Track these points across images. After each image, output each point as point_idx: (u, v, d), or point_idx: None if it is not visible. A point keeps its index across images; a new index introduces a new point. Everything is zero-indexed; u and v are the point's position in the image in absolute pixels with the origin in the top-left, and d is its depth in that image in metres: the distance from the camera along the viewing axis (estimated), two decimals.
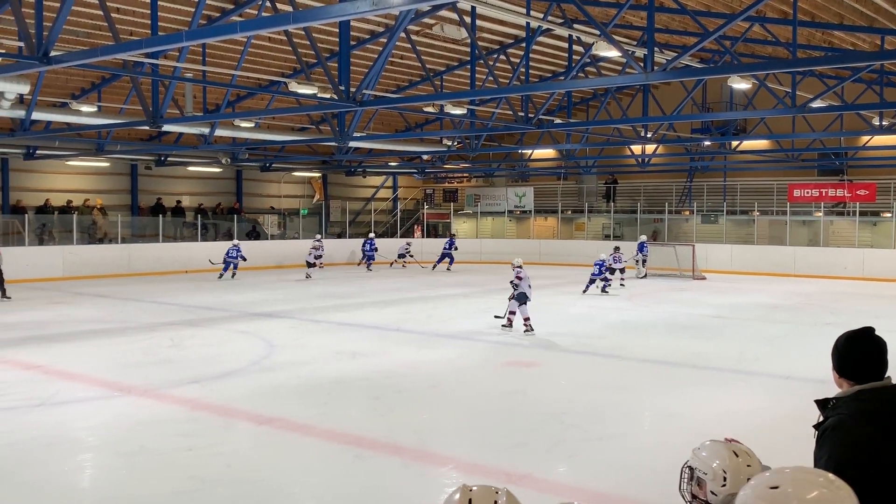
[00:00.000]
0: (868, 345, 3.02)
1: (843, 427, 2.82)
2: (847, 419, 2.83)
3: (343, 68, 13.98)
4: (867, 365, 2.98)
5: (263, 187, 35.50)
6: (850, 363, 3.02)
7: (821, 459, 2.85)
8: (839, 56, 17.11)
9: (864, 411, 2.83)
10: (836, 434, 2.82)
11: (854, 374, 2.98)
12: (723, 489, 2.82)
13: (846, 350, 3.03)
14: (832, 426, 2.86)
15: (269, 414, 8.72)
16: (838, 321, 16.50)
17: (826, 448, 2.84)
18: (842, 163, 29.25)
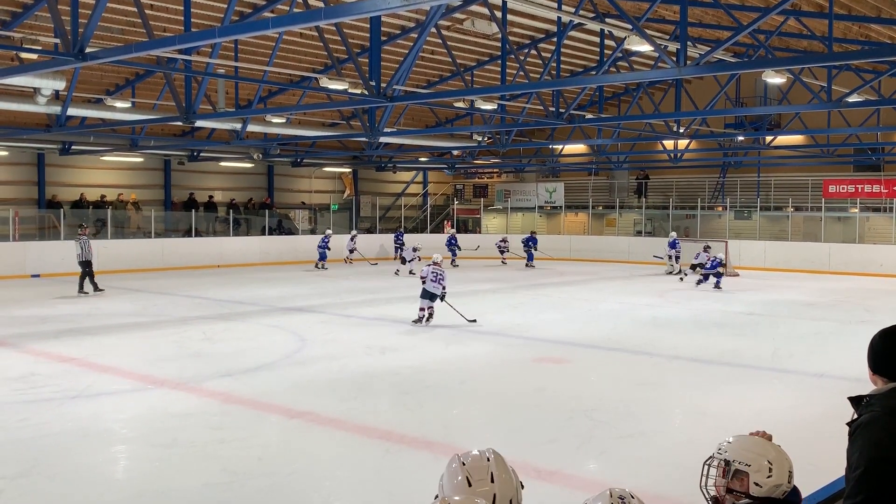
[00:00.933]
0: None
1: (876, 424, 2.78)
2: (880, 416, 2.79)
3: (374, 64, 14.01)
4: None
5: (294, 182, 35.74)
6: (884, 360, 2.98)
7: (853, 456, 2.82)
8: (876, 50, 16.81)
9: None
10: (869, 430, 2.79)
11: (888, 371, 2.94)
12: (769, 480, 2.86)
13: (881, 347, 2.99)
14: (865, 423, 2.82)
15: (300, 408, 8.78)
16: (873, 319, 16.24)
17: (858, 445, 2.80)
18: (878, 158, 28.74)
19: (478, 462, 2.26)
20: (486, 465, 2.24)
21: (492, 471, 2.23)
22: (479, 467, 2.24)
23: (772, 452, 2.91)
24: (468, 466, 2.25)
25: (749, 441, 2.97)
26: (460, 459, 2.28)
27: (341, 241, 29.82)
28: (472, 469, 2.24)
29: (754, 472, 2.89)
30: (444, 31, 18.94)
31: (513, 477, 2.27)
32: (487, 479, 2.21)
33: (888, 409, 2.81)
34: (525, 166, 36.87)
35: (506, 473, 2.24)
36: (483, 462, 2.25)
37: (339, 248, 29.44)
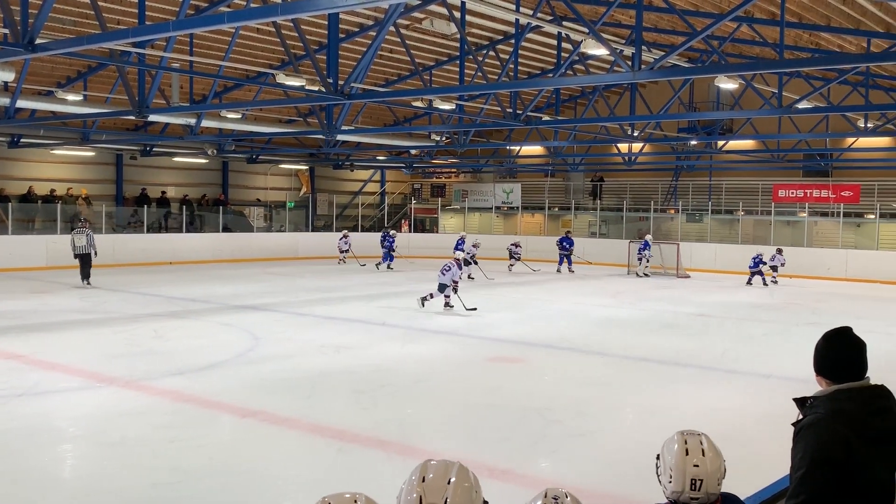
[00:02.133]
0: (845, 345, 3.05)
1: (820, 425, 2.85)
2: (824, 417, 2.86)
3: (332, 61, 13.95)
4: (844, 365, 3.01)
5: (250, 179, 35.39)
6: (827, 362, 3.05)
7: (796, 456, 2.89)
8: (826, 57, 17.21)
9: (840, 411, 2.87)
10: (812, 432, 2.86)
11: (831, 373, 3.02)
12: (670, 484, 2.82)
13: (824, 349, 3.07)
14: (808, 424, 2.89)
15: (253, 406, 8.71)
16: (820, 321, 16.62)
17: (801, 445, 2.88)
18: (827, 164, 29.44)
19: (437, 483, 2.18)
20: (443, 487, 2.17)
21: (447, 496, 2.15)
22: (436, 488, 2.17)
23: (678, 460, 2.80)
24: (426, 484, 2.18)
25: (671, 442, 2.89)
26: (420, 474, 2.22)
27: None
28: (429, 489, 2.17)
29: (661, 474, 2.88)
30: (403, 29, 18.93)
31: (472, 499, 2.17)
32: (440, 502, 2.14)
33: (831, 410, 2.89)
34: (483, 167, 37.01)
35: (462, 497, 2.15)
36: (442, 483, 2.18)
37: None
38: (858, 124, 21.91)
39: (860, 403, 2.91)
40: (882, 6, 14.08)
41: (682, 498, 2.80)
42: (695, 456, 2.79)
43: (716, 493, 2.81)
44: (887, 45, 15.38)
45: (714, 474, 2.79)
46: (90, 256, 20.04)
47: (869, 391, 2.98)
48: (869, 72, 19.64)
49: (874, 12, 14.46)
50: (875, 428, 2.91)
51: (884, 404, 2.98)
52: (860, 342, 3.06)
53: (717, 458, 2.83)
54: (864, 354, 3.04)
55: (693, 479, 2.76)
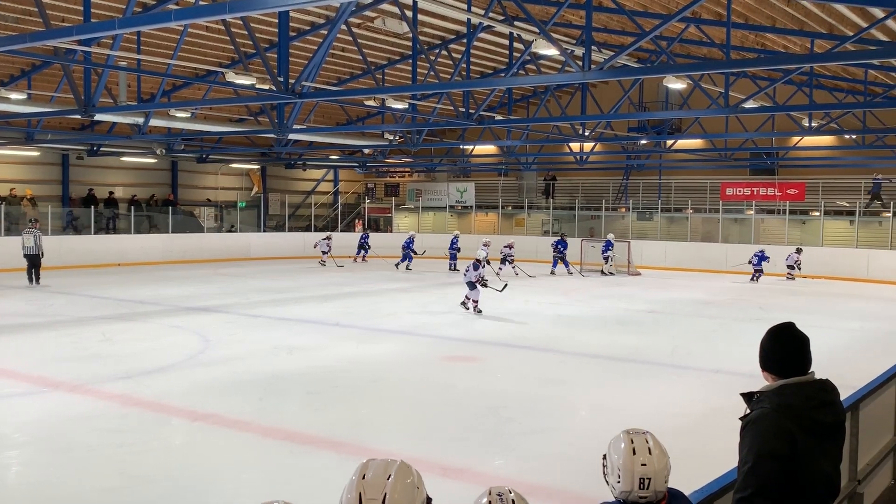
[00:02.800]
0: (789, 340, 3.12)
1: (766, 420, 2.91)
2: (769, 413, 2.92)
3: (282, 59, 13.82)
4: (788, 360, 3.08)
5: (200, 179, 34.91)
6: (772, 358, 3.12)
7: (743, 450, 2.95)
8: (771, 58, 17.57)
9: (785, 405, 2.93)
10: (758, 427, 2.92)
11: (776, 368, 3.08)
12: (618, 485, 2.85)
13: (768, 345, 3.13)
14: (755, 419, 2.95)
15: (204, 410, 8.59)
16: (767, 317, 16.96)
17: (748, 440, 2.93)
18: (773, 162, 30.06)
19: (377, 480, 2.19)
20: (382, 484, 2.17)
21: (386, 491, 2.16)
22: (376, 485, 2.18)
23: (625, 460, 2.82)
24: (366, 481, 2.19)
25: (617, 442, 2.91)
26: (361, 472, 2.22)
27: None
28: (369, 485, 2.18)
29: (609, 474, 2.90)
30: (355, 28, 18.83)
31: (413, 495, 2.17)
32: (379, 499, 2.15)
33: (777, 405, 2.95)
34: (436, 166, 37.05)
35: (402, 493, 2.15)
36: (381, 480, 2.18)
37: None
38: (803, 123, 22.43)
39: (805, 398, 2.98)
40: (825, 8, 14.41)
41: (631, 497, 2.83)
42: (642, 455, 2.82)
43: (663, 490, 2.85)
44: (830, 46, 15.73)
45: (661, 472, 2.82)
46: (38, 258, 19.74)
47: (814, 386, 3.05)
48: (813, 72, 20.11)
49: (817, 13, 14.79)
50: (819, 422, 2.98)
51: (828, 398, 3.06)
52: (803, 337, 3.13)
53: (663, 456, 2.87)
54: (807, 349, 3.11)
55: (641, 478, 2.79)
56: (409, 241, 27.63)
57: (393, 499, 2.13)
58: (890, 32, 14.24)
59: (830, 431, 3.03)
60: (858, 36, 12.66)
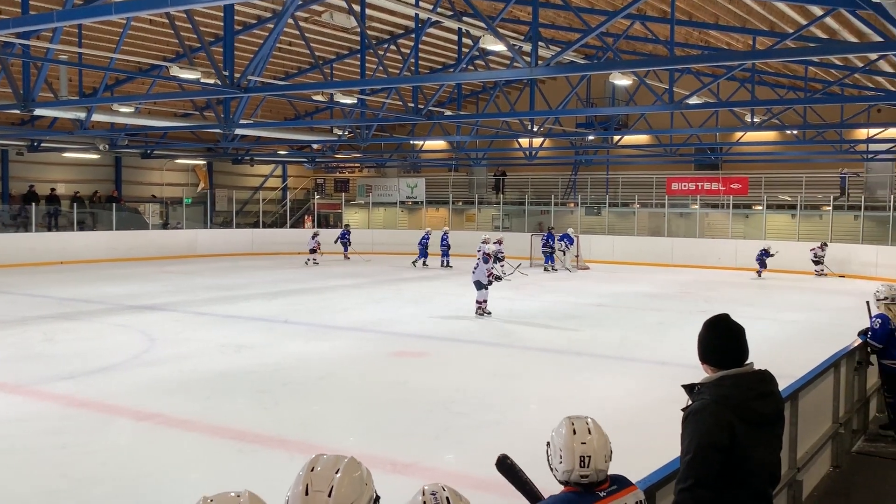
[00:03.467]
0: (724, 331, 3.19)
1: (706, 411, 2.98)
2: (709, 404, 2.99)
3: (228, 53, 13.64)
4: (725, 351, 3.15)
5: (144, 175, 34.28)
6: (709, 350, 3.19)
7: (684, 441, 3.01)
8: (714, 55, 17.87)
9: (725, 396, 3.00)
10: (698, 418, 2.98)
11: (714, 359, 3.15)
12: (560, 465, 2.91)
13: (706, 338, 3.20)
14: (695, 410, 3.02)
15: (149, 410, 8.46)
16: (712, 309, 17.21)
17: (689, 431, 3.00)
18: (717, 157, 30.62)
19: (325, 473, 2.18)
20: (330, 477, 2.17)
21: (333, 484, 2.15)
22: (323, 477, 2.17)
23: (566, 440, 2.91)
24: (314, 474, 2.18)
25: (560, 426, 2.99)
26: (309, 466, 2.21)
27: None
28: (316, 478, 2.17)
29: (552, 456, 2.97)
30: (302, 22, 18.66)
31: (360, 493, 2.16)
32: (326, 491, 2.15)
33: (717, 396, 3.01)
34: (386, 161, 36.95)
35: (349, 487, 2.15)
36: (330, 473, 2.18)
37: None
38: (746, 119, 22.85)
39: (744, 388, 3.05)
40: (766, 6, 14.70)
41: (573, 477, 2.87)
42: (582, 435, 2.89)
43: (604, 470, 2.90)
44: (771, 43, 16.05)
45: (601, 451, 2.89)
46: None
47: (752, 376, 3.12)
48: (755, 68, 20.51)
49: (759, 11, 15.08)
50: (758, 412, 3.05)
51: (766, 389, 3.13)
52: (738, 328, 3.20)
53: (602, 436, 2.93)
54: (743, 339, 3.18)
55: (582, 456, 2.85)
56: (425, 238, 27.32)
57: (340, 492, 2.12)
58: (829, 30, 14.59)
59: (769, 421, 3.11)
60: (798, 33, 12.95)
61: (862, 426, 7.52)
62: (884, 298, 7.57)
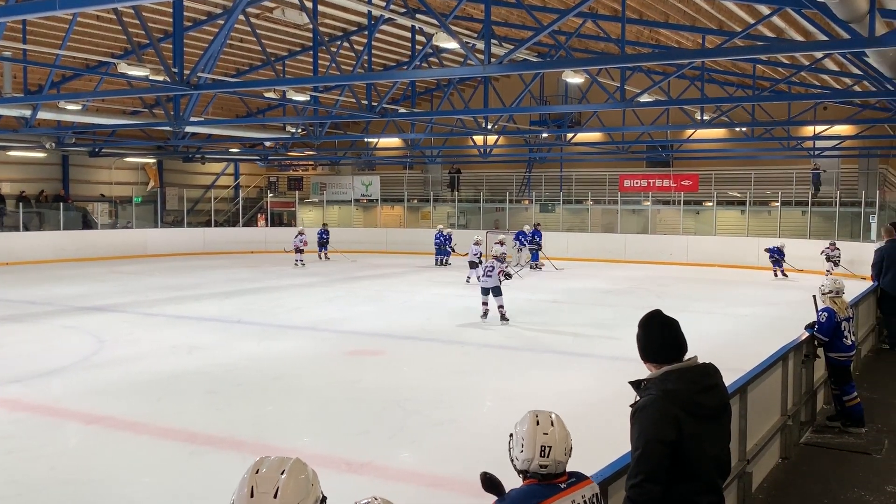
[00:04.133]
0: (659, 327, 3.23)
1: (653, 406, 3.02)
2: (655, 399, 3.03)
3: (177, 50, 13.42)
4: (663, 346, 3.19)
5: (93, 173, 33.58)
6: (648, 348, 3.22)
7: (633, 437, 3.04)
8: (664, 53, 18.08)
9: (670, 391, 3.04)
10: (645, 413, 3.02)
11: (655, 356, 3.19)
12: (521, 454, 2.96)
13: (643, 336, 3.24)
14: (642, 406, 3.05)
15: (99, 412, 8.30)
16: (664, 304, 17.43)
17: (637, 427, 3.03)
18: (668, 155, 31.04)
19: (270, 474, 2.17)
20: (275, 478, 2.16)
21: (279, 486, 2.14)
22: (268, 479, 2.16)
23: (528, 429, 2.98)
24: (259, 475, 2.17)
25: (523, 417, 3.06)
26: (255, 468, 2.20)
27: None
28: (261, 480, 2.16)
29: (514, 446, 3.02)
30: (254, 18, 18.45)
31: (306, 494, 2.16)
32: (271, 492, 2.14)
33: (663, 391, 3.05)
34: (340, 159, 36.72)
35: (295, 489, 2.14)
36: (275, 475, 2.17)
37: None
38: (696, 116, 23.21)
39: (689, 382, 3.09)
40: (715, 4, 14.92)
41: (532, 466, 2.92)
42: (545, 426, 2.96)
43: (563, 462, 2.95)
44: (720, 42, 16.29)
45: (562, 443, 2.95)
46: None
47: (697, 370, 3.16)
48: (704, 67, 20.80)
49: (708, 10, 15.30)
50: (704, 405, 3.09)
51: (711, 382, 3.18)
52: (672, 321, 3.25)
53: (564, 430, 2.99)
54: (679, 332, 3.22)
55: (543, 446, 2.91)
56: (443, 238, 26.81)
57: (286, 493, 2.11)
58: (776, 29, 14.87)
59: (715, 414, 3.15)
60: (746, 32, 13.18)
61: (810, 418, 7.69)
62: (829, 292, 7.76)
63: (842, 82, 19.47)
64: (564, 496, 2.89)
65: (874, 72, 12.93)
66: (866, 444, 7.10)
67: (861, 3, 7.77)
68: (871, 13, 8.00)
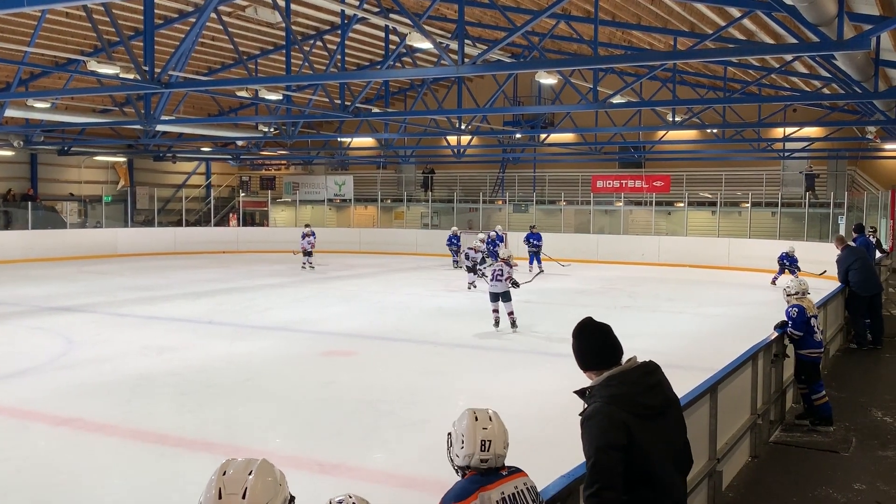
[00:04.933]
0: (592, 334, 3.25)
1: (599, 413, 3.01)
2: (601, 406, 3.02)
3: (148, 48, 13.27)
4: (600, 353, 3.20)
5: (62, 172, 33.14)
6: (586, 356, 3.23)
7: (584, 446, 3.03)
8: (636, 55, 18.21)
9: (614, 396, 3.04)
10: (593, 422, 3.01)
11: (594, 364, 3.19)
12: (462, 450, 3.05)
13: (578, 346, 3.26)
14: (589, 415, 3.05)
15: (67, 414, 8.20)
16: (635, 304, 17.66)
17: (587, 436, 3.02)
18: (640, 156, 31.25)
19: (237, 475, 2.17)
20: (243, 479, 2.16)
21: (247, 486, 2.14)
22: (236, 480, 2.16)
23: (467, 424, 3.06)
24: (226, 477, 2.17)
25: (461, 415, 3.13)
26: (222, 470, 2.19)
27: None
28: (229, 481, 2.16)
29: (454, 443, 3.10)
30: (226, 17, 18.29)
31: (274, 493, 2.16)
32: (240, 493, 2.13)
33: (607, 397, 3.04)
34: (313, 158, 36.56)
35: (262, 489, 2.14)
36: (242, 476, 2.17)
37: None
38: (667, 118, 23.37)
39: (632, 385, 3.09)
40: (686, 7, 15.04)
41: (473, 461, 3.01)
42: (483, 422, 3.06)
43: (503, 456, 3.05)
44: (692, 44, 16.42)
45: (501, 437, 3.05)
46: None
47: (637, 371, 3.16)
48: (676, 68, 20.97)
49: (679, 12, 15.41)
50: (650, 405, 3.09)
51: (654, 380, 3.17)
52: (605, 327, 3.26)
53: (502, 425, 3.10)
54: (613, 337, 3.24)
55: (483, 440, 3.01)
56: (455, 238, 25.97)
57: (254, 493, 2.11)
58: (746, 31, 15.01)
59: (661, 412, 3.14)
60: (717, 34, 13.27)
61: (779, 417, 7.77)
62: (795, 293, 7.89)
63: (811, 85, 19.70)
64: (507, 482, 2.99)
65: (843, 74, 13.09)
66: (834, 443, 7.20)
67: (829, 7, 7.86)
68: (840, 17, 8.11)
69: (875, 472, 6.45)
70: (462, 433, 3.05)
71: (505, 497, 2.95)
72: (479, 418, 3.07)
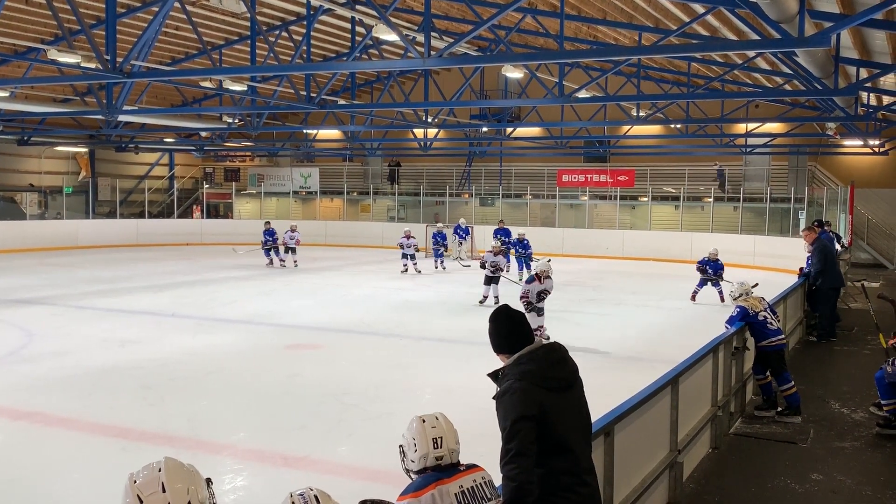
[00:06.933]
0: (508, 319, 3.47)
1: (512, 391, 3.21)
2: (514, 383, 3.22)
3: (110, 37, 13.06)
4: (512, 336, 3.41)
5: (21, 163, 32.52)
6: (500, 339, 3.46)
7: (500, 420, 3.21)
8: (602, 50, 18.32)
9: (526, 372, 3.25)
10: (508, 396, 3.22)
11: (507, 346, 3.42)
12: (416, 454, 3.11)
13: (494, 330, 3.48)
14: (504, 391, 3.25)
15: (27, 408, 8.08)
16: (599, 297, 17.81)
17: (501, 411, 3.22)
18: (605, 150, 31.45)
19: (149, 476, 2.19)
20: (156, 477, 2.17)
21: (163, 481, 2.15)
22: (151, 480, 2.17)
23: (416, 427, 3.12)
24: (139, 484, 2.18)
25: (408, 424, 3.20)
26: (132, 477, 2.21)
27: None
28: (143, 485, 2.17)
29: (407, 451, 3.17)
30: (190, 6, 18.08)
31: (192, 480, 2.18)
32: (159, 489, 2.14)
33: (519, 373, 3.25)
34: (279, 150, 36.26)
35: (181, 481, 2.16)
36: (154, 475, 2.18)
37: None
38: (632, 113, 23.52)
39: (540, 360, 3.30)
40: (651, 2, 15.17)
41: (429, 461, 3.08)
42: (431, 422, 3.15)
43: (456, 450, 3.13)
44: (656, 39, 16.56)
45: (451, 433, 3.14)
46: None
47: (544, 348, 3.38)
48: (641, 64, 21.13)
49: (644, 7, 15.54)
50: (557, 378, 3.30)
51: (559, 356, 3.40)
52: (518, 313, 3.51)
53: (450, 424, 3.18)
54: (526, 324, 3.46)
55: (434, 438, 3.09)
56: (441, 237, 24.89)
57: (174, 487, 2.15)
58: (710, 28, 15.18)
59: (569, 383, 3.35)
60: (682, 30, 13.40)
61: (739, 409, 7.90)
62: (739, 296, 8.22)
63: (773, 81, 19.97)
64: (466, 475, 3.07)
65: (804, 71, 13.28)
66: (793, 434, 7.33)
67: (791, 4, 7.98)
68: (801, 14, 8.23)
69: (832, 462, 6.59)
70: (413, 437, 3.11)
71: (464, 490, 3.01)
72: (426, 420, 3.15)
